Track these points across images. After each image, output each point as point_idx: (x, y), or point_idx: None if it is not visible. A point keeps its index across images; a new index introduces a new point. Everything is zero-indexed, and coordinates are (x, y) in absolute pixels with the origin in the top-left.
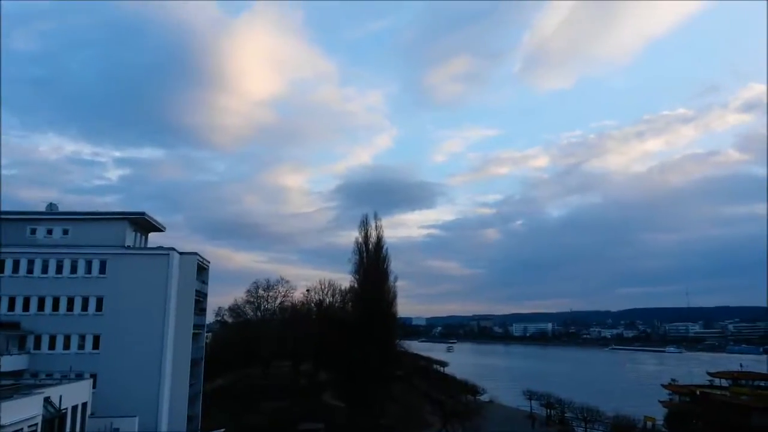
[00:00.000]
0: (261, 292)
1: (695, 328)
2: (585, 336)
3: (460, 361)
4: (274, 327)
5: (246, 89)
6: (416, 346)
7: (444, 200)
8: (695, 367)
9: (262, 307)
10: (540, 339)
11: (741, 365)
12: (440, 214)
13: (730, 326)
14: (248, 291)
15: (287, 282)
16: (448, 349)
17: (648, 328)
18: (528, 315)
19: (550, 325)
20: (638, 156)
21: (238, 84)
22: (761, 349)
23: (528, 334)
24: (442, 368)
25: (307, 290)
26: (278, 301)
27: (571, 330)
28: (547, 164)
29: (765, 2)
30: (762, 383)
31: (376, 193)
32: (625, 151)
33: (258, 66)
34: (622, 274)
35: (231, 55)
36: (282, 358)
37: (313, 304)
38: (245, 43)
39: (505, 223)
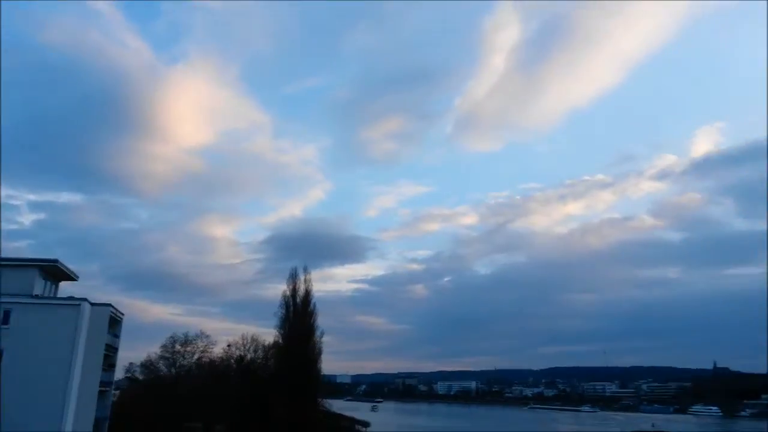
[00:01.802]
0: (177, 347)
1: (612, 388)
2: (507, 395)
3: (383, 420)
4: (189, 385)
5: (177, 137)
6: (340, 405)
7: (374, 255)
8: (610, 427)
9: (177, 364)
10: (463, 398)
11: (653, 425)
12: (370, 269)
13: (644, 386)
14: (163, 346)
15: (207, 336)
16: (373, 409)
17: (568, 387)
18: (453, 373)
19: (474, 384)
20: (560, 218)
21: (169, 131)
22: (671, 409)
23: (452, 393)
24: (364, 429)
25: (228, 345)
26: (196, 357)
27: (495, 389)
28: (476, 222)
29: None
30: None
31: (307, 246)
32: (548, 213)
33: (191, 114)
34: (544, 333)
35: (162, 103)
36: (195, 419)
37: (233, 360)
38: (179, 91)
39: (433, 279)
